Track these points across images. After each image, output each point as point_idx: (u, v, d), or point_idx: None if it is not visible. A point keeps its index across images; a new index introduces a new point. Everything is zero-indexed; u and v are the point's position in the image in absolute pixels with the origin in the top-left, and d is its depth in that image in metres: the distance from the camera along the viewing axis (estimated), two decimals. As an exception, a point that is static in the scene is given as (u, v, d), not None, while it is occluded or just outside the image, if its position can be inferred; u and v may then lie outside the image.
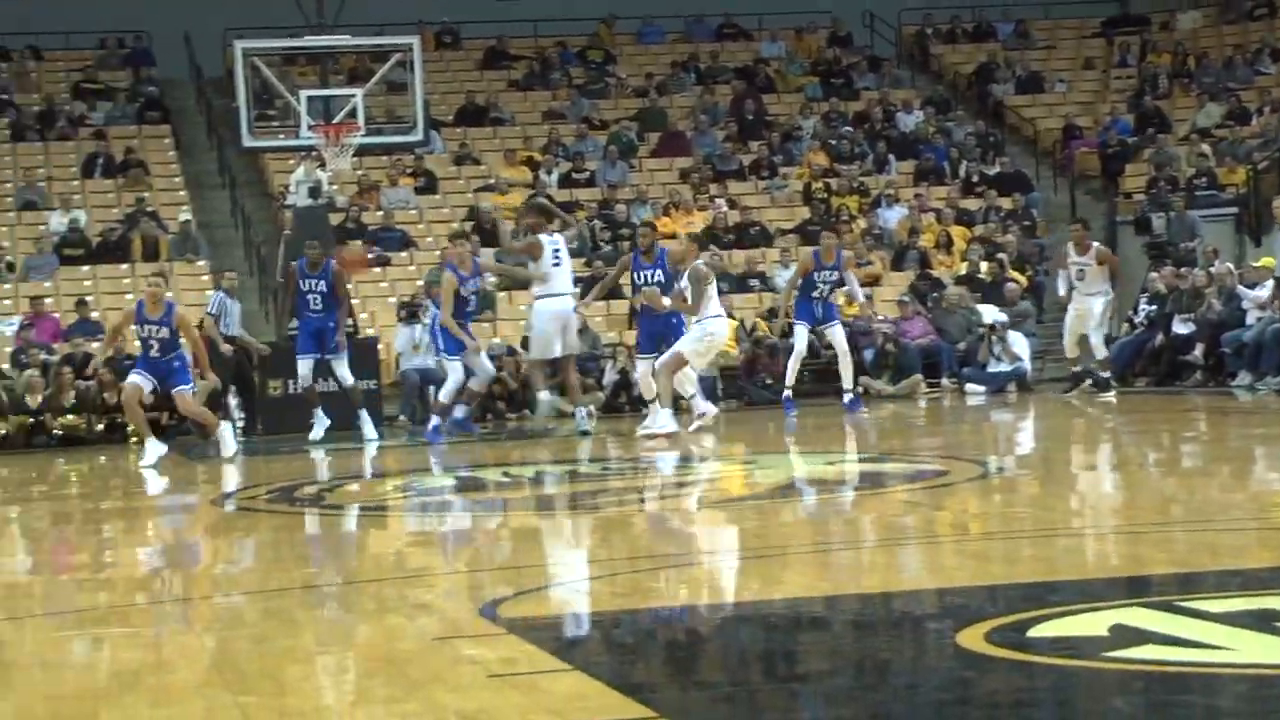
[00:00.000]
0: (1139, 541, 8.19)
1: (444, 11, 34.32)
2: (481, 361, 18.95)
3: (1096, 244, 22.00)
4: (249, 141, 23.60)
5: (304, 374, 19.39)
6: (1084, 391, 21.31)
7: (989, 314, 24.99)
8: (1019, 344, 24.03)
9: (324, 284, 19.25)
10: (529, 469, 14.92)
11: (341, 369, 19.37)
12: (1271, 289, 21.57)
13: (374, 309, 25.95)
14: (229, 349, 20.61)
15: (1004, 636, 5.49)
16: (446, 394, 18.84)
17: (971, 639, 5.45)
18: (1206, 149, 30.05)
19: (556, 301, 18.24)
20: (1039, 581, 6.97)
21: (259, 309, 27.04)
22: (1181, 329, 22.75)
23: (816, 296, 20.38)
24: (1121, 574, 7.19)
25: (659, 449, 15.76)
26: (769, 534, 9.22)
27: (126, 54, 33.87)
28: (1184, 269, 24.34)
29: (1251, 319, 21.50)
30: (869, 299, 24.98)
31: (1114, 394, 20.89)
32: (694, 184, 30.16)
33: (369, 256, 19.19)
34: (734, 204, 29.48)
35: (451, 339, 18.52)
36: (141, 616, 7.33)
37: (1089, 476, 12.16)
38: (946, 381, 24.63)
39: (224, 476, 16.20)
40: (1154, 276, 24.24)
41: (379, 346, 23.69)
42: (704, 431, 17.29)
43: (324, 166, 23.17)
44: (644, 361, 18.15)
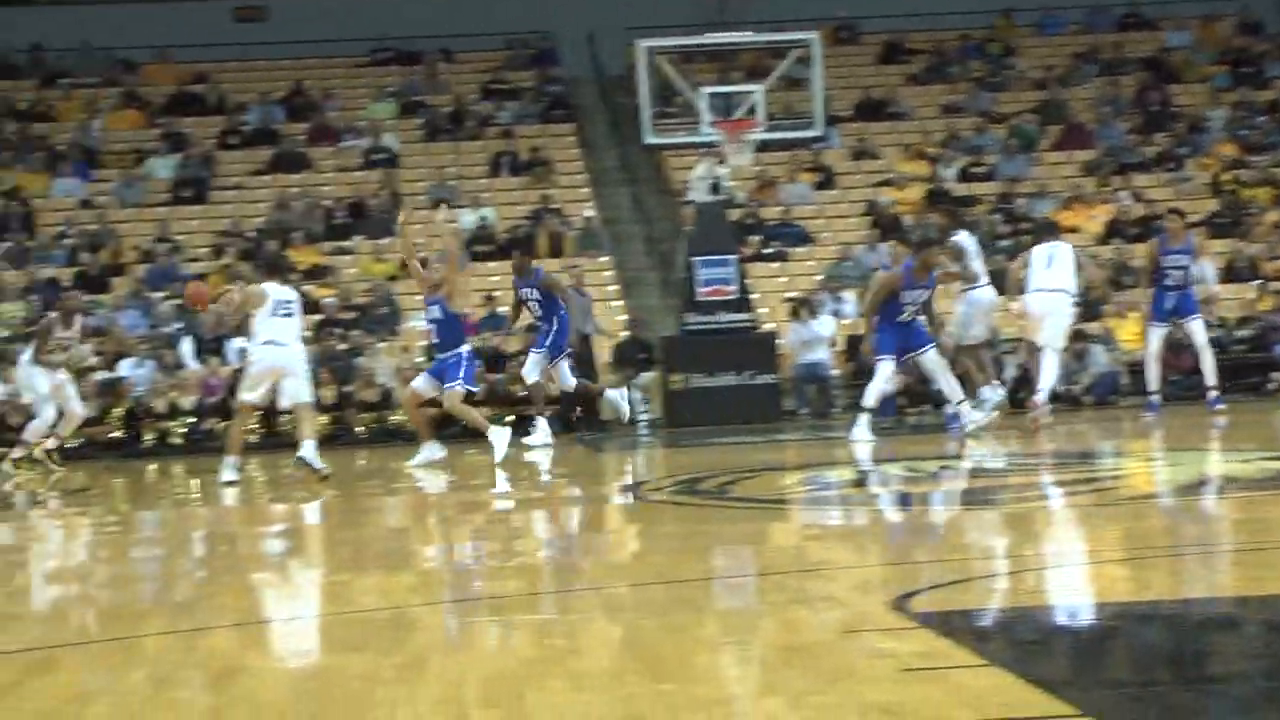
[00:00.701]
0: None
1: (842, 6, 34.28)
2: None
3: None
4: (651, 138, 23.99)
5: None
6: None
7: None
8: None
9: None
10: (931, 464, 14.87)
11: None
12: None
13: (771, 304, 26.12)
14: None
15: None
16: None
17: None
18: None
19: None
20: None
21: (659, 303, 27.46)
22: None
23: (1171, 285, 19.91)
24: None
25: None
26: (1178, 531, 9.06)
27: (532, 54, 34.67)
28: None
29: None
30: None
31: None
32: (1097, 177, 29.63)
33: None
34: (1138, 197, 28.88)
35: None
36: (553, 604, 7.52)
37: None
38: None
39: (630, 469, 16.49)
40: None
41: (776, 342, 23.84)
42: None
43: (724, 163, 23.41)
44: None
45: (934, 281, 17.51)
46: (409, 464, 17.01)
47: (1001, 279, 18.67)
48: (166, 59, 34.42)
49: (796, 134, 25.64)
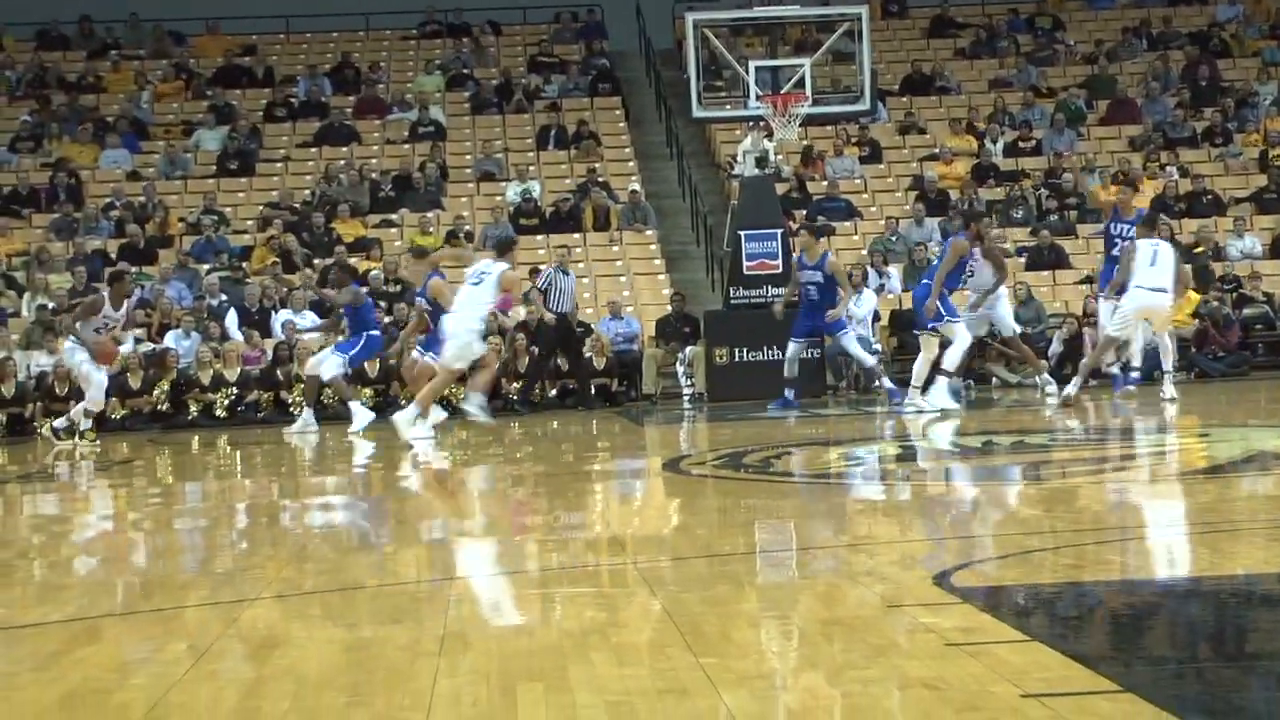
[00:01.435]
0: None
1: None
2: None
3: None
4: (698, 112, 23.97)
5: None
6: None
7: None
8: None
9: None
10: (977, 439, 14.83)
11: None
12: None
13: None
14: (551, 318, 21.50)
15: None
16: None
17: None
18: None
19: None
20: None
21: (705, 278, 27.45)
22: None
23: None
24: None
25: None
26: (1222, 508, 9.02)
27: (580, 27, 34.68)
28: None
29: None
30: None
31: None
32: (1145, 153, 29.49)
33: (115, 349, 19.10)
34: (1185, 172, 28.74)
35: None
36: (596, 577, 7.53)
37: None
38: None
39: (674, 442, 16.50)
40: None
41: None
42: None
43: (771, 136, 23.35)
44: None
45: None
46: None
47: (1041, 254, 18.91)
48: (215, 31, 34.54)
49: (844, 108, 25.58)
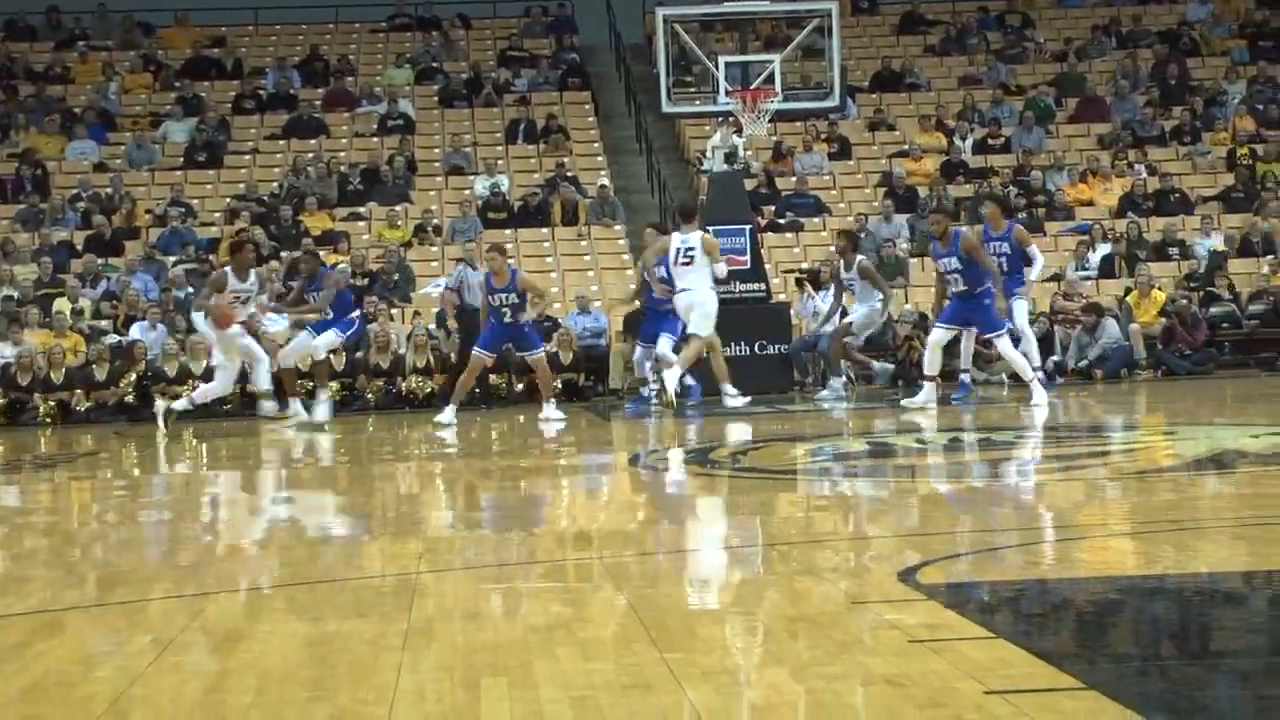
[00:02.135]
0: None
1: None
2: None
3: None
4: (668, 107, 23.95)
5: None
6: None
7: None
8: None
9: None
10: (943, 436, 14.86)
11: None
12: None
13: (785, 275, 26.09)
14: (453, 325, 21.53)
15: None
16: None
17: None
18: None
19: None
20: None
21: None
22: None
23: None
24: None
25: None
26: (1186, 505, 9.04)
27: (550, 22, 34.67)
28: None
29: None
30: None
31: None
32: (1113, 150, 29.59)
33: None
34: (1154, 170, 28.84)
35: None
36: (562, 572, 7.53)
37: None
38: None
39: (640, 437, 16.50)
40: None
41: (790, 312, 23.80)
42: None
43: (740, 132, 23.35)
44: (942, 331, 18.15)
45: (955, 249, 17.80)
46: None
47: None
48: (183, 22, 34.47)
49: (813, 104, 25.57)
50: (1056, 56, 33.38)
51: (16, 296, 24.66)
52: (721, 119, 24.02)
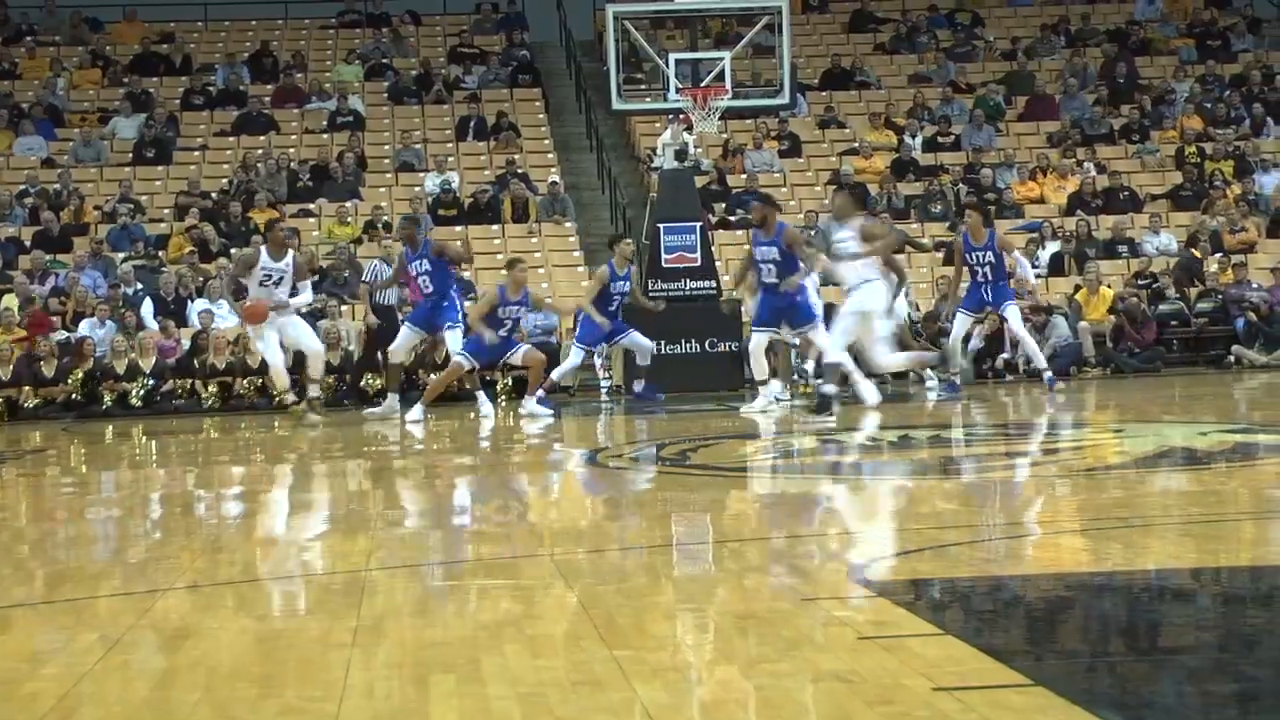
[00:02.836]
0: None
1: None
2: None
3: None
4: (618, 104, 23.96)
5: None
6: None
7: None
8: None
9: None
10: (893, 433, 14.90)
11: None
12: None
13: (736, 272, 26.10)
14: (374, 321, 21.45)
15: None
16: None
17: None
18: None
19: None
20: None
21: (624, 270, 27.44)
22: None
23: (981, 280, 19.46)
24: None
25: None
26: (1135, 503, 9.08)
27: (500, 19, 34.62)
28: None
29: None
30: (1243, 265, 24.46)
31: None
32: (1062, 148, 29.71)
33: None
34: (1103, 169, 28.98)
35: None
36: (512, 569, 7.52)
37: None
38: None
39: (591, 434, 16.50)
40: None
41: (741, 310, 23.82)
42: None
43: (690, 129, 23.38)
44: (760, 335, 18.12)
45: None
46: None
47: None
48: (132, 18, 34.30)
49: (764, 101, 25.64)
50: (1006, 55, 33.51)
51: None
52: (672, 116, 24.05)
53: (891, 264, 17.95)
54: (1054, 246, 26.62)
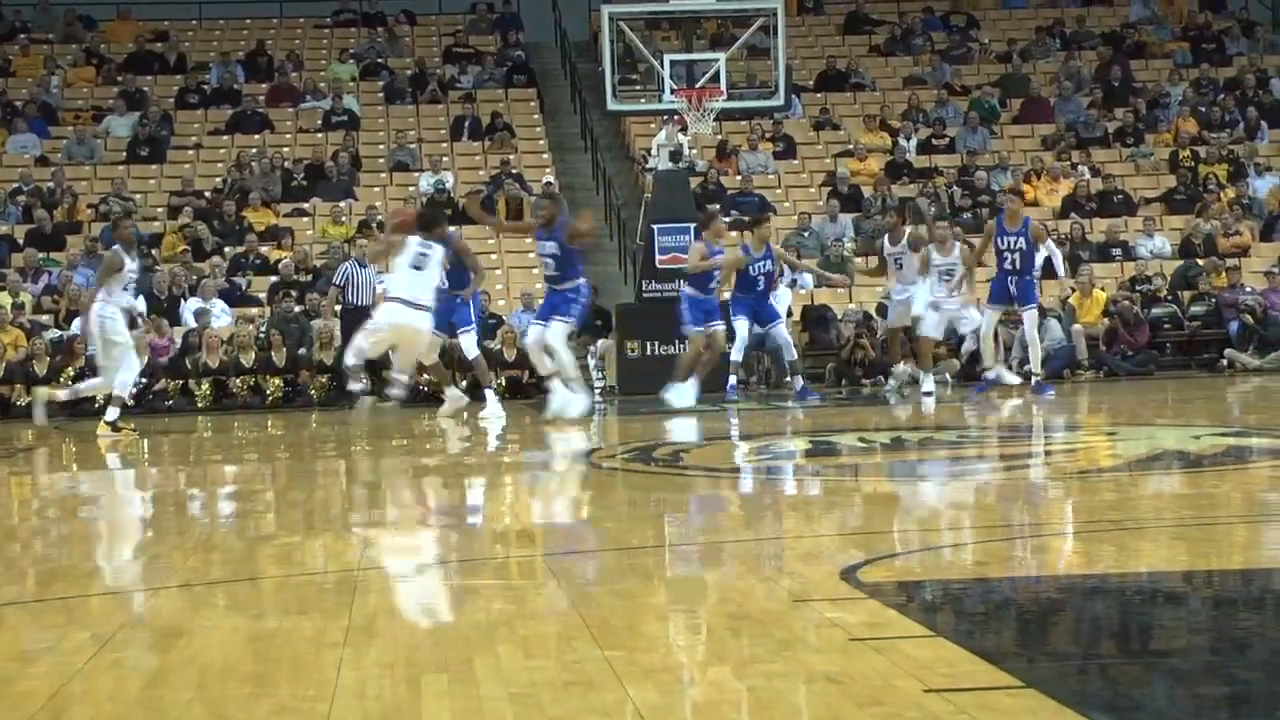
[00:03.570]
0: None
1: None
2: None
3: None
4: (613, 105, 23.92)
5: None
6: None
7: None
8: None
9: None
10: (885, 435, 14.91)
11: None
12: None
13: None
14: (334, 321, 21.52)
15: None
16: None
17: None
18: None
19: None
20: None
21: (618, 270, 27.45)
22: None
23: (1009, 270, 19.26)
24: None
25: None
26: (1128, 506, 9.09)
27: (495, 19, 34.59)
28: None
29: None
30: (1237, 269, 24.50)
31: None
32: (1057, 151, 29.71)
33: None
34: (1097, 172, 28.97)
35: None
36: (505, 569, 7.52)
37: None
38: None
39: (584, 435, 16.50)
40: None
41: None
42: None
43: (685, 130, 23.37)
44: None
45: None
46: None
47: None
48: (126, 16, 34.25)
49: (759, 103, 25.61)
50: (1001, 57, 33.50)
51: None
52: (667, 117, 24.02)
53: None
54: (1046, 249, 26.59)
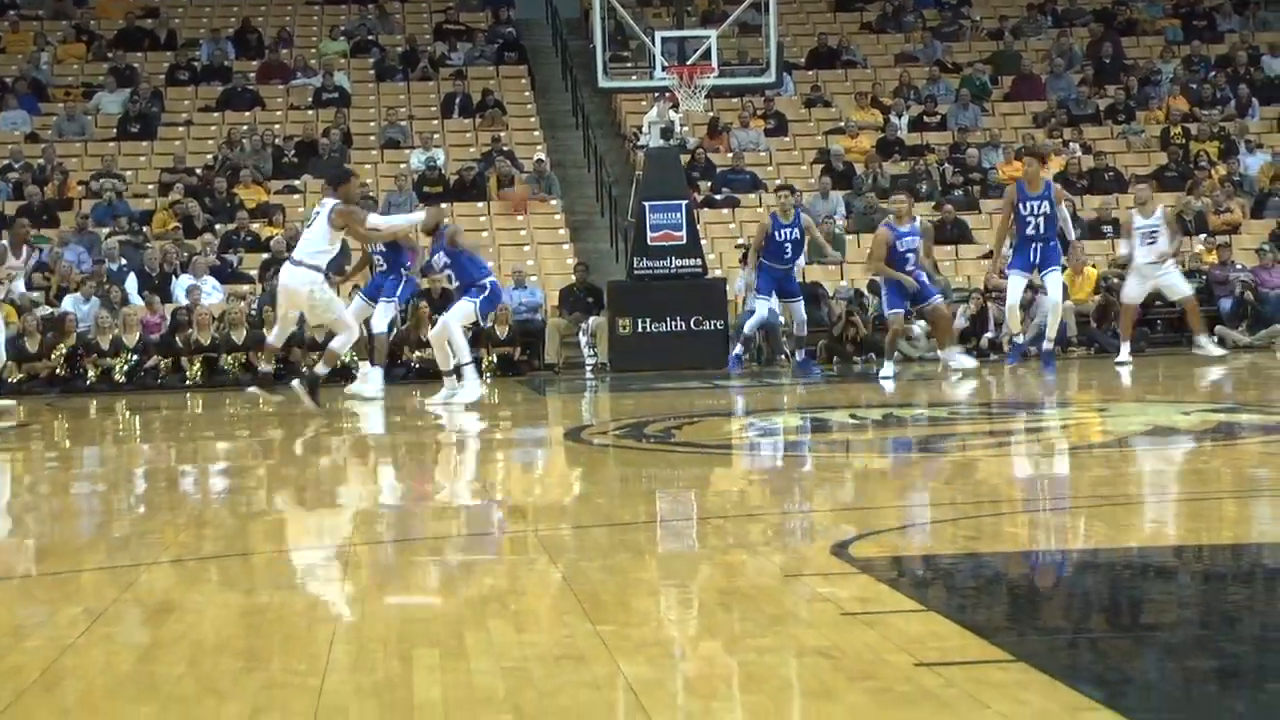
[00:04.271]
0: None
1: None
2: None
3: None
4: (604, 82, 23.94)
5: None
6: None
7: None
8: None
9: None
10: (876, 411, 14.92)
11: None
12: None
13: (722, 250, 26.12)
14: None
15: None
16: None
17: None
18: None
19: None
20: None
21: (609, 248, 27.45)
22: None
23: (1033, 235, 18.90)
24: None
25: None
26: (1118, 481, 9.11)
27: (487, -5, 34.57)
28: None
29: None
30: (1227, 246, 24.48)
31: None
32: (1048, 128, 29.71)
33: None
34: (1088, 149, 28.99)
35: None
36: (496, 545, 7.53)
37: None
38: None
39: (576, 411, 16.51)
40: None
41: (726, 288, 23.85)
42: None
43: (676, 107, 23.37)
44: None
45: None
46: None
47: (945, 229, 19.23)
48: (116, -8, 34.19)
49: (750, 80, 25.63)
50: (992, 35, 33.50)
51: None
52: (658, 94, 24.01)
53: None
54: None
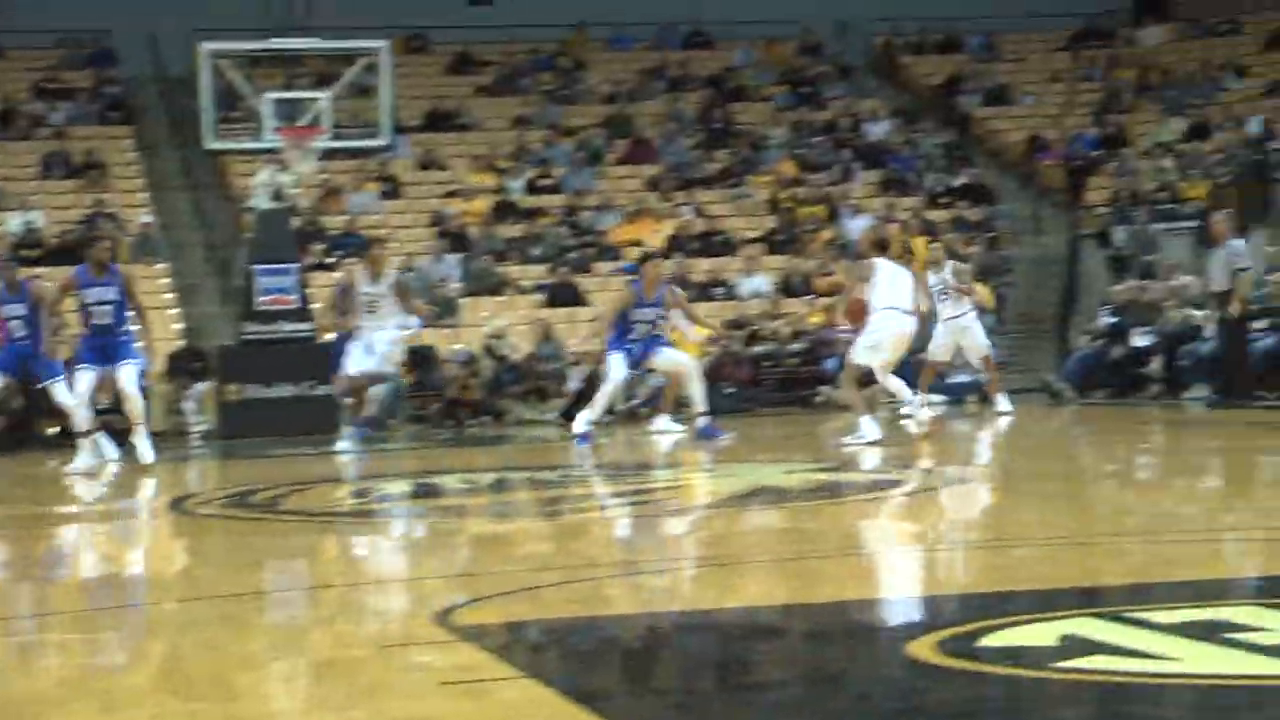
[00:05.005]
0: (1091, 552, 8.20)
1: (414, 16, 34.11)
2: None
3: None
4: (212, 143, 23.55)
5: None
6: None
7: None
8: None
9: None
10: (488, 475, 14.90)
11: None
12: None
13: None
14: None
15: (955, 646, 5.48)
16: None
17: (922, 649, 5.45)
18: (1168, 163, 30.20)
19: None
20: (991, 591, 7.00)
21: (220, 310, 26.99)
22: (1140, 341, 22.82)
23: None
24: (1073, 585, 7.17)
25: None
26: (725, 542, 9.22)
27: (89, 53, 33.73)
28: (1145, 281, 24.54)
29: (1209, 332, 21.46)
30: (833, 308, 25.16)
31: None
32: (661, 191, 30.16)
33: None
34: (700, 212, 29.49)
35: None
36: (91, 621, 7.29)
37: (1043, 487, 12.14)
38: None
39: (181, 480, 16.16)
40: (1115, 289, 24.49)
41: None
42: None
43: (287, 170, 23.09)
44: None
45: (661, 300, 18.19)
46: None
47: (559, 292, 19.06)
48: None
49: (364, 143, 25.44)
50: (607, 98, 33.92)
51: None
52: (268, 156, 23.70)
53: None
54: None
